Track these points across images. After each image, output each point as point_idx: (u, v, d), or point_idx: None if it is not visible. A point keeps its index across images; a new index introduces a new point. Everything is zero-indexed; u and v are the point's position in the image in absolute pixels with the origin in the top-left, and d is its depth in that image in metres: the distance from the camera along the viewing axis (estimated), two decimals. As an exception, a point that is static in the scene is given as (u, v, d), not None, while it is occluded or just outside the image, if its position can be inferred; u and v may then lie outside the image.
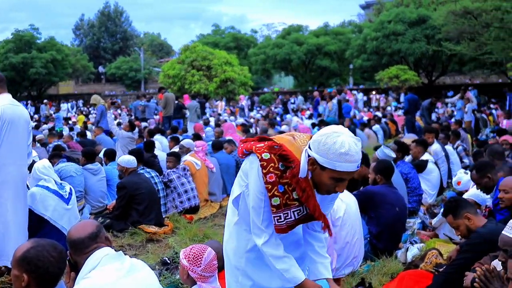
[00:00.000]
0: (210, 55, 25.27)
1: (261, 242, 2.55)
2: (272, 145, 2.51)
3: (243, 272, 2.72)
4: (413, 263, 4.72)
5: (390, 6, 35.66)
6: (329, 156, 2.32)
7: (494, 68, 29.01)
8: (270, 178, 2.45)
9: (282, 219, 2.51)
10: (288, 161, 2.46)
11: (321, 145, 2.34)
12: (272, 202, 2.48)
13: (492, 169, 5.10)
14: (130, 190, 6.13)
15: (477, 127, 16.46)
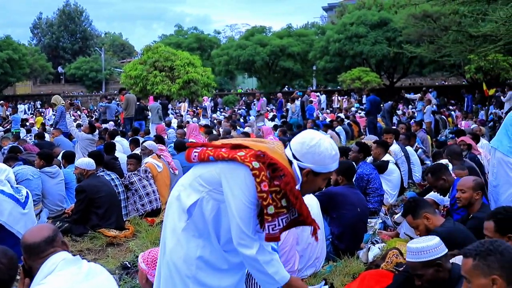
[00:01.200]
0: (173, 55, 25.02)
1: (254, 252, 2.54)
2: (257, 154, 2.51)
3: (194, 280, 2.63)
4: (374, 263, 4.75)
5: (352, 8, 36.16)
6: (326, 162, 2.52)
7: (453, 70, 29.76)
8: (264, 187, 2.46)
9: (276, 227, 2.52)
10: (277, 169, 2.48)
11: (316, 156, 2.49)
12: (268, 210, 2.48)
13: (446, 171, 5.21)
14: (89, 194, 5.99)
15: (437, 128, 16.82)
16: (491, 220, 3.35)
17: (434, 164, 6.10)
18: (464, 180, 4.49)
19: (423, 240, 3.20)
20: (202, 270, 2.66)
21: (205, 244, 2.66)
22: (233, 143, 2.66)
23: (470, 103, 23.89)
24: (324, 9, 60.54)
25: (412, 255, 3.18)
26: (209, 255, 2.65)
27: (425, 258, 3.08)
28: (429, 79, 39.26)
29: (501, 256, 2.32)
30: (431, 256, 3.08)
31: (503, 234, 3.30)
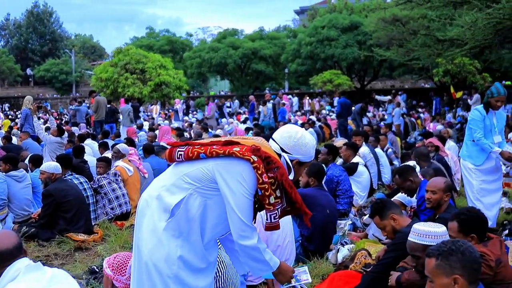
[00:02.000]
0: (144, 58, 24.83)
1: (255, 241, 2.67)
2: (252, 148, 2.63)
3: (175, 280, 2.63)
4: (343, 264, 4.79)
5: (323, 12, 36.43)
6: (310, 152, 2.79)
7: (422, 74, 30.26)
8: (265, 178, 2.58)
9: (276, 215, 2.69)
10: (271, 162, 2.61)
11: (303, 147, 2.75)
12: (270, 200, 2.62)
13: (413, 173, 5.30)
14: (57, 198, 5.89)
15: (406, 130, 17.08)
16: (454, 220, 3.43)
17: (402, 165, 6.21)
18: (435, 181, 4.55)
19: (432, 226, 3.25)
20: (183, 269, 2.67)
21: (184, 244, 2.67)
22: (223, 140, 2.75)
23: (439, 106, 24.31)
24: (296, 12, 60.90)
25: (417, 236, 3.21)
26: (188, 255, 2.67)
27: (429, 242, 3.10)
28: (399, 82, 39.83)
29: (462, 256, 2.38)
30: (435, 242, 3.09)
31: (466, 234, 3.37)
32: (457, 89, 22.87)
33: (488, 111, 5.90)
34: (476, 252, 2.44)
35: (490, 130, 5.91)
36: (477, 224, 3.41)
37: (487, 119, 5.91)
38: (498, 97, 5.76)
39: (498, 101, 5.80)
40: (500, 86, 5.84)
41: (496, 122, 5.93)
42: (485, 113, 5.89)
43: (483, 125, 5.89)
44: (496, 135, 5.92)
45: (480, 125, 5.89)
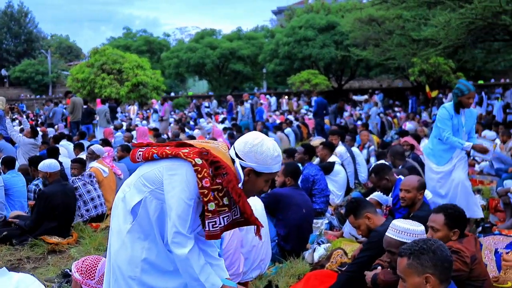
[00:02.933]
0: (121, 58, 24.60)
1: (186, 251, 2.50)
2: (200, 151, 2.53)
3: (139, 282, 2.62)
4: (319, 263, 4.81)
5: (300, 12, 36.53)
6: (267, 162, 2.54)
7: (398, 73, 30.57)
8: (206, 183, 2.47)
9: (217, 224, 2.54)
10: (220, 167, 2.51)
11: (258, 155, 2.52)
12: (208, 207, 2.50)
13: (389, 171, 5.34)
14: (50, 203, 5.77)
15: (383, 129, 17.23)
16: (441, 213, 3.45)
17: (377, 164, 6.24)
18: (409, 180, 4.59)
19: (411, 224, 3.26)
20: (147, 272, 2.63)
21: (151, 246, 2.64)
22: (178, 142, 2.69)
23: (414, 105, 24.59)
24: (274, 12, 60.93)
25: (395, 232, 3.22)
26: (155, 257, 2.63)
27: (406, 240, 3.10)
28: (375, 81, 40.13)
29: (433, 255, 2.40)
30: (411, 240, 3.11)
31: (451, 228, 3.41)
32: (432, 88, 23.16)
33: (459, 110, 5.77)
34: (447, 250, 2.46)
35: (458, 130, 5.80)
36: (461, 220, 3.46)
37: (455, 119, 5.80)
38: (469, 93, 5.63)
39: (470, 98, 5.69)
40: (467, 83, 5.75)
41: (465, 121, 5.81)
42: (453, 112, 5.77)
43: (451, 124, 5.77)
44: (462, 135, 5.79)
45: (448, 123, 5.77)
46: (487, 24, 10.96)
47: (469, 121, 5.85)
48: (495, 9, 10.25)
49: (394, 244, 3.20)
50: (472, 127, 5.94)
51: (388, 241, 3.27)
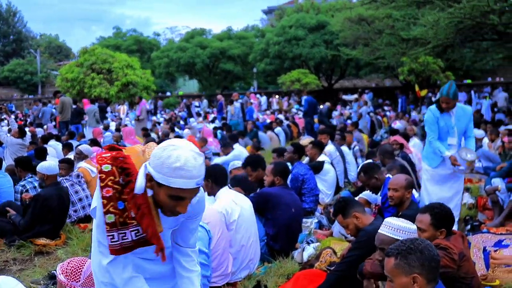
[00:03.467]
0: (111, 58, 24.42)
1: (107, 261, 2.37)
2: (116, 156, 2.30)
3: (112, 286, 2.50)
4: (309, 263, 4.80)
5: (290, 11, 36.59)
6: (163, 171, 2.14)
7: (387, 72, 30.70)
8: (107, 193, 2.24)
9: (116, 238, 2.29)
10: (129, 175, 2.27)
11: (156, 159, 2.17)
12: (106, 219, 2.25)
13: (378, 170, 5.35)
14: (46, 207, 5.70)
15: (373, 128, 17.27)
16: (427, 213, 3.45)
17: (367, 163, 6.25)
18: (396, 179, 4.59)
19: (404, 221, 3.25)
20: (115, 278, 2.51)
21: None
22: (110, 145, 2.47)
23: (404, 104, 24.70)
24: (264, 12, 60.92)
25: (389, 229, 3.21)
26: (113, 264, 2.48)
27: (400, 237, 3.09)
28: (365, 80, 40.28)
29: (421, 255, 2.39)
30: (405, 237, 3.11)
31: (437, 228, 3.42)
32: (422, 87, 23.27)
33: (443, 110, 5.56)
34: (434, 250, 2.46)
35: (448, 131, 5.60)
36: (448, 220, 3.46)
37: (441, 120, 5.58)
38: (441, 97, 5.46)
39: (443, 102, 5.47)
40: (448, 86, 5.48)
41: (456, 122, 5.57)
42: (439, 114, 5.58)
43: (436, 127, 5.59)
44: (453, 136, 5.60)
45: (433, 126, 5.59)
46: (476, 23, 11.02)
47: (462, 120, 5.60)
48: (483, 8, 10.31)
49: (387, 241, 3.18)
50: (468, 126, 5.66)
51: (381, 239, 3.26)
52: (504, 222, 6.16)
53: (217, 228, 4.17)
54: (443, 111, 5.57)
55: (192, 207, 2.39)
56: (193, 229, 2.62)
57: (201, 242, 3.76)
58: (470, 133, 5.68)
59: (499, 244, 5.38)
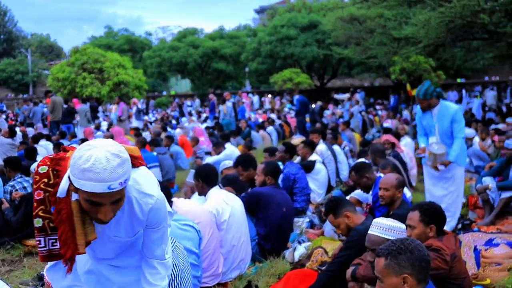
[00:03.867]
0: (102, 57, 24.32)
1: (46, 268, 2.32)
2: (55, 158, 2.19)
3: None
4: (300, 263, 4.78)
5: (282, 11, 36.59)
6: (73, 172, 1.97)
7: (379, 72, 30.76)
8: (37, 195, 2.14)
9: (43, 244, 2.18)
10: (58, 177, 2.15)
11: (71, 159, 2.00)
12: (35, 223, 2.15)
13: (369, 169, 5.34)
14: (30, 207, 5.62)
15: (365, 127, 17.30)
16: (416, 210, 3.45)
17: (358, 162, 6.24)
18: (387, 178, 4.59)
19: (394, 221, 3.25)
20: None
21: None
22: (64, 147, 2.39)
23: (395, 103, 24.73)
24: (256, 11, 60.90)
25: (380, 230, 3.21)
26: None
27: (391, 237, 3.09)
28: (357, 80, 40.35)
29: (411, 255, 2.37)
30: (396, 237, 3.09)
31: (427, 224, 3.41)
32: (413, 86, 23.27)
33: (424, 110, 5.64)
34: (424, 250, 2.45)
35: (430, 130, 5.69)
36: (437, 216, 3.46)
37: (424, 119, 5.68)
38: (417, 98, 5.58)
39: (419, 103, 5.60)
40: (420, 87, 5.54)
41: (438, 120, 5.58)
42: (421, 113, 5.68)
43: (421, 125, 5.76)
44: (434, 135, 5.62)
45: (419, 125, 5.80)
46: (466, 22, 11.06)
47: (444, 119, 5.56)
48: (473, 8, 10.35)
49: (379, 242, 3.16)
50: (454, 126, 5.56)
51: (372, 240, 3.25)
52: (494, 220, 6.18)
53: (207, 228, 4.15)
54: (424, 110, 5.63)
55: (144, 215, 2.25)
56: (156, 239, 2.43)
57: (191, 242, 3.74)
58: (457, 133, 5.58)
59: (490, 243, 5.39)
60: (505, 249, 5.12)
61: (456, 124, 5.57)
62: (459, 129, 5.58)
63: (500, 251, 5.09)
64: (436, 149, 5.45)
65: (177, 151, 10.75)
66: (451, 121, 5.55)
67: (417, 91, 5.53)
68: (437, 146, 5.47)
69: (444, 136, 5.58)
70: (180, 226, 3.73)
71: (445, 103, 5.63)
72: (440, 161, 5.46)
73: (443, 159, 5.47)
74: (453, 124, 5.56)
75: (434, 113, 5.57)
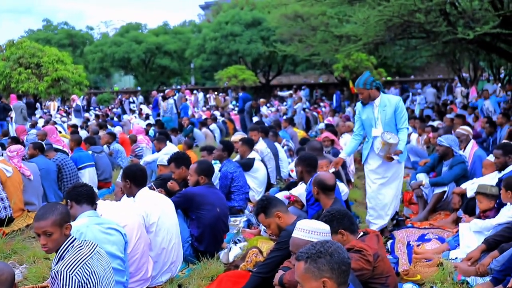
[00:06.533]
0: (40, 52, 23.36)
1: None
2: None
3: None
4: (234, 264, 4.68)
5: (227, 7, 36.44)
6: None
7: (324, 69, 31.15)
8: None
9: None
10: None
11: None
12: None
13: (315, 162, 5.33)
14: None
15: (308, 124, 17.43)
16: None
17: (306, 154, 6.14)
18: (318, 176, 4.57)
19: (317, 223, 3.18)
20: None
21: None
22: None
23: (338, 100, 25.06)
24: (202, 7, 60.49)
25: (303, 232, 3.12)
26: None
27: (315, 239, 3.00)
28: (302, 77, 40.74)
29: (330, 258, 2.31)
30: (319, 239, 3.01)
31: (336, 232, 3.40)
32: (356, 84, 23.74)
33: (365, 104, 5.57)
34: (344, 252, 2.38)
35: (371, 124, 5.56)
36: (339, 219, 3.44)
37: (363, 113, 5.58)
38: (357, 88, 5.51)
39: (359, 94, 5.52)
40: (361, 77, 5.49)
41: (381, 112, 5.48)
42: (361, 107, 5.60)
43: (360, 121, 5.66)
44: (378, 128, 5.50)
45: (358, 122, 5.69)
46: (404, 21, 11.26)
47: (387, 110, 5.48)
48: (410, 7, 10.54)
49: (302, 245, 3.09)
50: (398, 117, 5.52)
51: (296, 243, 3.15)
52: (428, 216, 6.31)
53: (135, 232, 3.97)
54: (365, 104, 5.55)
55: None
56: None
57: (116, 246, 3.57)
58: (401, 124, 5.56)
59: (422, 238, 5.48)
60: (436, 244, 5.22)
61: (400, 114, 5.54)
62: (404, 119, 5.55)
63: (432, 246, 5.18)
64: (389, 138, 5.35)
65: (117, 149, 10.43)
66: (394, 111, 5.50)
67: (357, 81, 5.48)
68: (389, 135, 5.38)
69: (387, 127, 5.50)
70: (103, 230, 3.55)
71: (385, 95, 5.56)
72: (393, 151, 5.40)
73: (396, 149, 5.41)
74: (396, 114, 5.52)
75: (375, 104, 5.50)
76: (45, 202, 7.30)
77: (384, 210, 5.71)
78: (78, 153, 8.55)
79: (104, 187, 8.79)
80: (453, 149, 6.61)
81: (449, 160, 6.63)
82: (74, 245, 3.10)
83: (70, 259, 2.99)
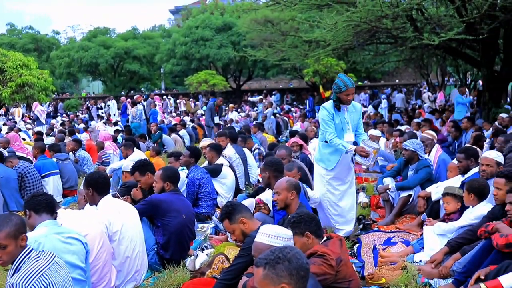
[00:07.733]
0: (3, 57, 22.88)
1: None
2: None
3: None
4: (200, 271, 4.62)
5: (196, 12, 36.34)
6: None
7: (294, 74, 31.29)
8: None
9: None
10: None
11: None
12: None
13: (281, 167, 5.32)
14: None
15: (279, 129, 17.44)
16: (288, 226, 3.43)
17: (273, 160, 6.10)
18: (278, 182, 4.56)
19: (281, 228, 3.16)
20: None
21: None
22: None
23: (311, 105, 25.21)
24: (171, 12, 60.17)
25: (267, 237, 3.09)
26: None
27: (278, 244, 2.98)
28: (273, 82, 40.89)
29: (289, 263, 2.29)
30: (282, 244, 3.00)
31: (302, 234, 3.40)
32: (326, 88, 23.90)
33: (340, 108, 5.43)
34: (303, 258, 2.36)
35: (342, 129, 5.46)
36: (306, 222, 3.44)
37: (337, 117, 5.43)
38: (347, 90, 5.25)
39: (349, 94, 5.31)
40: (346, 78, 5.36)
41: (349, 117, 5.47)
42: (334, 111, 5.42)
43: (333, 124, 5.41)
44: (348, 133, 5.45)
45: (331, 124, 5.40)
46: (371, 27, 11.37)
47: (353, 116, 5.53)
48: (377, 13, 10.65)
49: (265, 249, 3.07)
50: (359, 122, 5.63)
51: (259, 248, 3.11)
52: (394, 220, 6.36)
53: (97, 241, 3.88)
54: (339, 109, 5.46)
55: None
56: None
57: (76, 256, 3.48)
58: (361, 129, 5.64)
59: (388, 241, 5.52)
60: (402, 247, 5.26)
61: (361, 120, 5.69)
62: (362, 125, 5.68)
63: (397, 249, 5.22)
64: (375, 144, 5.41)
65: (83, 157, 10.24)
66: (359, 118, 5.60)
67: (348, 81, 5.30)
68: (371, 142, 5.42)
69: (353, 133, 5.56)
70: (63, 240, 3.45)
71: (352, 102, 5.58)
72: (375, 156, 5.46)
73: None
74: (359, 121, 5.62)
75: (346, 110, 5.46)
76: (6, 211, 7.12)
77: (350, 214, 5.73)
78: (41, 161, 8.37)
79: (69, 195, 8.62)
80: (418, 153, 6.70)
81: (415, 164, 6.72)
82: (31, 256, 3.01)
83: (26, 271, 2.90)
